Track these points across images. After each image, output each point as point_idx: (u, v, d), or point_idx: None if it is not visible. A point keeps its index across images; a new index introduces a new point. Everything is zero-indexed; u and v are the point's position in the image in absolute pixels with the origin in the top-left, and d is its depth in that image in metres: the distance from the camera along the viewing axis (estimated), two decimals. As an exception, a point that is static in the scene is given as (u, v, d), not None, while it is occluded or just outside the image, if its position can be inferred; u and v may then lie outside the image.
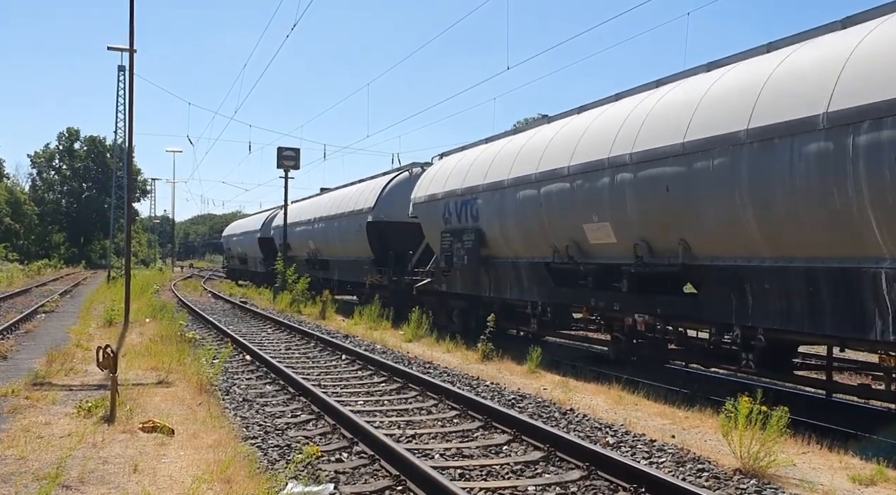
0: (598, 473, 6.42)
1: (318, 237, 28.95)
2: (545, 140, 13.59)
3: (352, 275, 25.45)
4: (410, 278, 19.68)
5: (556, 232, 12.65)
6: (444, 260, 16.67)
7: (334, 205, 27.01)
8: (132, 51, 18.63)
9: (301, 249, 31.41)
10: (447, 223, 16.67)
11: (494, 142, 16.53)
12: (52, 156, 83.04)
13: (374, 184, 23.84)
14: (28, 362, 11.82)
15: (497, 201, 14.55)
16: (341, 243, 25.79)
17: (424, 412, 9.31)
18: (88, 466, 6.02)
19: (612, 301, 11.64)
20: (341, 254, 26.32)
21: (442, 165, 18.36)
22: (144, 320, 18.40)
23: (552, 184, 12.62)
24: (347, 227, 24.67)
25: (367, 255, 23.29)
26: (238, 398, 9.89)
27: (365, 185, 25.12)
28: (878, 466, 6.58)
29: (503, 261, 14.73)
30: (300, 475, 6.19)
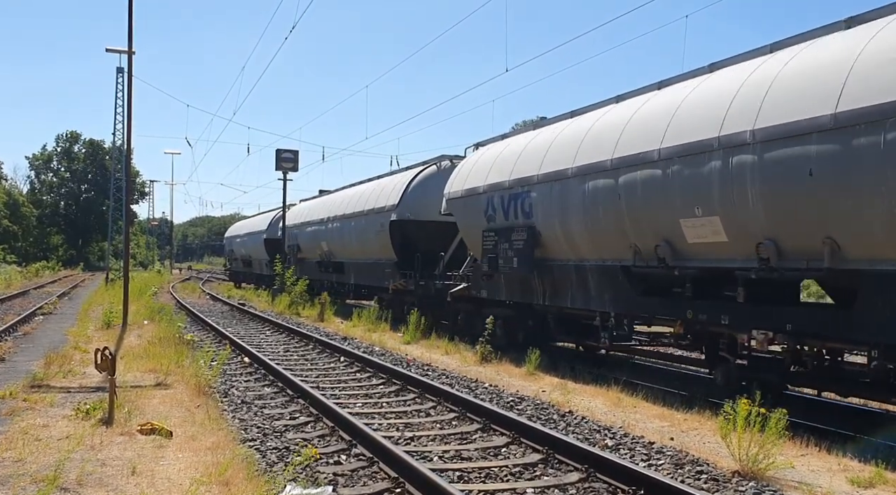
0: (597, 475, 6.42)
1: (332, 238, 26.68)
2: (620, 120, 11.43)
3: (371, 279, 23.32)
4: (442, 283, 17.90)
5: (640, 229, 10.59)
6: (486, 262, 14.60)
7: (352, 202, 24.80)
8: (131, 52, 18.62)
9: (312, 251, 29.44)
10: (490, 221, 14.74)
11: (548, 127, 14.36)
12: (51, 158, 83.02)
13: (398, 180, 21.70)
14: (26, 364, 11.80)
15: (557, 194, 12.47)
16: (359, 244, 23.65)
17: (423, 414, 9.30)
18: (87, 468, 6.02)
19: (720, 313, 9.48)
20: (359, 256, 24.11)
21: (482, 155, 16.29)
22: (143, 322, 18.39)
23: (636, 171, 10.48)
24: (367, 227, 22.64)
25: (389, 257, 21.36)
26: (236, 400, 9.89)
27: (387, 181, 22.97)
28: (877, 468, 6.58)
29: (563, 264, 12.68)
30: (299, 477, 6.18)
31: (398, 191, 20.88)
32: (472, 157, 16.86)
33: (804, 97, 8.11)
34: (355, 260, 24.70)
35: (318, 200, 31.46)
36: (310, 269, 29.65)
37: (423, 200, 20.15)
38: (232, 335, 17.13)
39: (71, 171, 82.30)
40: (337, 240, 26.14)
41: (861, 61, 7.68)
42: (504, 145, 15.53)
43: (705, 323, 9.87)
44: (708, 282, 9.93)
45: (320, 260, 28.33)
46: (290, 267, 29.78)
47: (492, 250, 14.45)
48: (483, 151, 16.53)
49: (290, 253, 31.59)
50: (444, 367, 13.05)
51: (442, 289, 17.58)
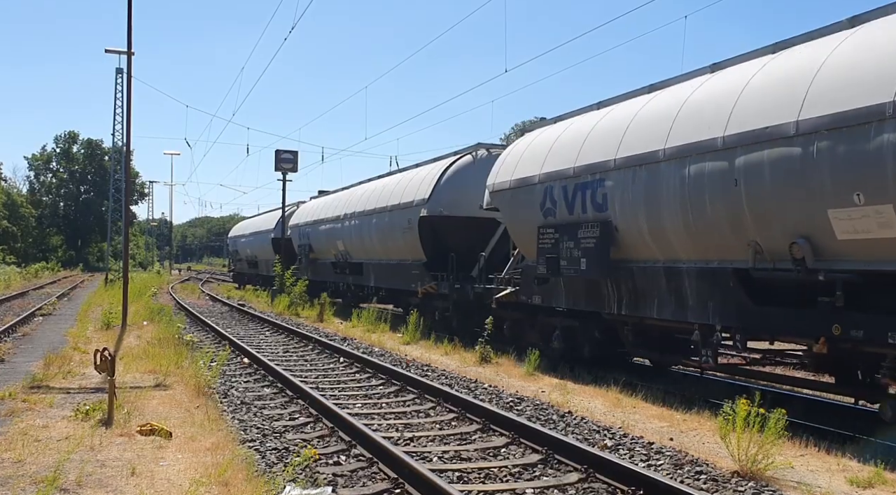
0: (597, 476, 6.43)
1: (349, 236, 24.40)
2: (730, 90, 9.34)
3: (395, 281, 21.08)
4: (482, 286, 15.91)
5: (765, 223, 8.54)
6: (542, 264, 12.59)
7: (373, 197, 22.60)
8: (130, 53, 18.61)
9: (326, 251, 27.35)
10: (549, 215, 12.62)
11: (619, 104, 12.24)
12: (50, 159, 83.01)
13: (428, 172, 19.47)
14: (25, 365, 11.80)
15: (642, 181, 10.36)
16: (381, 243, 21.48)
17: (423, 414, 9.31)
18: (86, 469, 6.02)
19: (888, 330, 7.39)
20: (381, 257, 21.94)
21: (534, 140, 14.16)
22: (142, 323, 18.38)
23: (761, 150, 8.39)
24: (392, 224, 20.47)
25: (416, 258, 19.20)
26: (236, 401, 9.89)
27: (415, 173, 20.71)
28: (876, 468, 6.59)
29: (647, 267, 10.64)
30: (298, 478, 6.18)
31: (429, 183, 18.64)
32: (521, 143, 14.76)
33: None
34: (376, 260, 22.52)
35: (332, 196, 29.00)
36: (323, 271, 28.00)
37: (456, 194, 18.05)
38: (231, 336, 17.13)
39: (70, 172, 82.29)
40: (355, 239, 23.94)
41: None
42: (562, 127, 13.47)
43: (860, 341, 7.78)
44: (866, 290, 7.85)
45: (335, 260, 26.40)
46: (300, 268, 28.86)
47: (551, 249, 12.39)
48: (535, 136, 14.48)
49: (300, 253, 30.15)
50: (443, 368, 13.06)
51: (482, 294, 15.67)
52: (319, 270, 28.55)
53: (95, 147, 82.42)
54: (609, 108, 12.40)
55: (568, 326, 12.99)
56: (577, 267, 11.72)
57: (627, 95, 12.29)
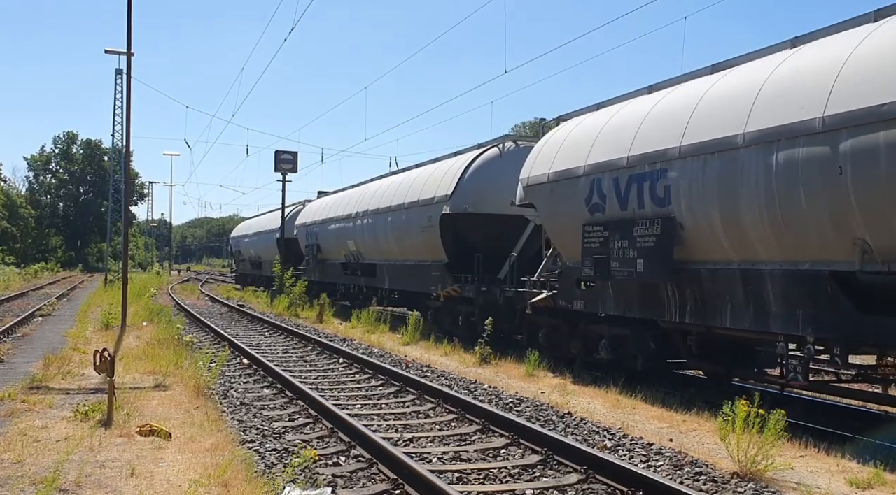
0: (596, 477, 6.43)
1: (361, 236, 23.13)
2: (829, 63, 8.08)
3: (412, 283, 19.88)
4: (513, 290, 14.60)
5: (879, 217, 7.34)
6: (589, 266, 11.38)
7: (388, 194, 21.28)
8: (130, 54, 18.62)
9: (335, 252, 26.05)
10: (596, 211, 11.37)
11: (677, 86, 10.96)
12: (49, 160, 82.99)
13: (450, 166, 18.15)
14: (25, 366, 11.80)
15: (715, 171, 9.10)
16: (397, 243, 20.23)
17: (422, 415, 9.31)
18: (85, 470, 6.01)
19: None
20: (396, 257, 20.70)
21: (575, 129, 12.80)
22: (142, 324, 18.38)
23: (877, 132, 7.21)
24: (409, 222, 19.24)
25: (437, 258, 17.91)
26: (235, 401, 9.89)
27: (435, 168, 19.40)
28: (876, 469, 6.59)
29: (718, 269, 9.36)
30: (298, 479, 6.18)
31: (451, 178, 17.34)
32: (560, 132, 13.37)
33: None
34: (391, 261, 21.24)
35: (343, 194, 27.39)
36: (332, 272, 26.68)
37: (482, 189, 16.83)
38: (231, 336, 17.12)
39: (69, 173, 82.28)
40: (368, 239, 22.61)
41: None
42: (607, 114, 12.18)
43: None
44: None
45: (346, 261, 24.97)
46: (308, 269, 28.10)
47: (599, 249, 11.19)
48: (575, 124, 13.07)
49: (308, 254, 29.07)
50: (443, 368, 13.05)
51: (513, 298, 14.53)
52: (328, 271, 27.43)
53: (95, 147, 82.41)
54: (664, 92, 11.18)
55: (617, 335, 11.57)
56: (632, 269, 10.44)
57: (684, 77, 11.08)
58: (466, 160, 17.60)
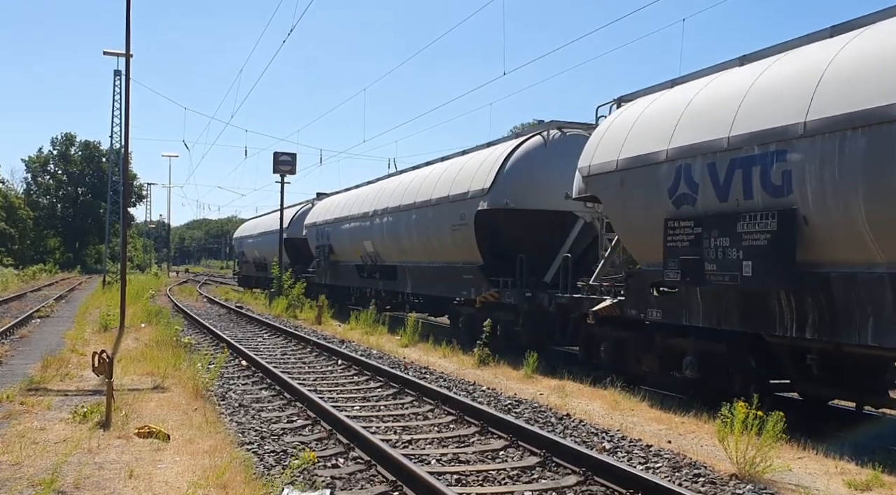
0: (595, 478, 6.43)
1: (380, 236, 21.34)
2: None
3: (439, 288, 18.03)
4: (567, 296, 12.83)
5: None
6: (676, 268, 9.66)
7: (412, 190, 19.46)
8: (128, 55, 18.62)
9: (350, 253, 24.37)
10: (684, 202, 9.64)
11: (791, 52, 9.14)
12: (47, 161, 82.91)
13: (487, 157, 16.29)
14: (23, 367, 11.78)
15: (859, 152, 7.42)
16: (423, 243, 18.43)
17: (421, 417, 9.30)
18: (84, 472, 6.01)
19: None
20: (421, 259, 18.92)
21: (649, 109, 11.03)
22: (140, 325, 18.37)
23: None
24: (437, 220, 17.45)
25: (470, 260, 16.24)
26: (234, 403, 9.88)
27: (468, 160, 17.47)
28: (874, 471, 6.60)
29: (857, 273, 7.68)
30: (296, 480, 6.18)
31: (489, 171, 15.60)
32: (628, 114, 11.49)
33: None
34: (415, 263, 19.35)
35: (358, 191, 25.57)
36: (346, 275, 24.99)
37: (524, 182, 15.10)
38: (229, 338, 17.11)
39: (68, 174, 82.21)
40: (388, 239, 20.80)
41: None
42: (690, 90, 10.42)
43: None
44: None
45: (362, 263, 23.22)
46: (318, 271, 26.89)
47: (688, 249, 9.48)
48: (647, 103, 11.26)
49: (319, 255, 27.45)
50: (441, 370, 13.05)
51: (568, 305, 12.74)
52: (342, 274, 25.70)
53: (93, 149, 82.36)
54: (765, 62, 9.39)
55: (708, 351, 9.83)
56: (736, 273, 8.70)
57: (794, 43, 9.29)
58: (506, 150, 15.66)
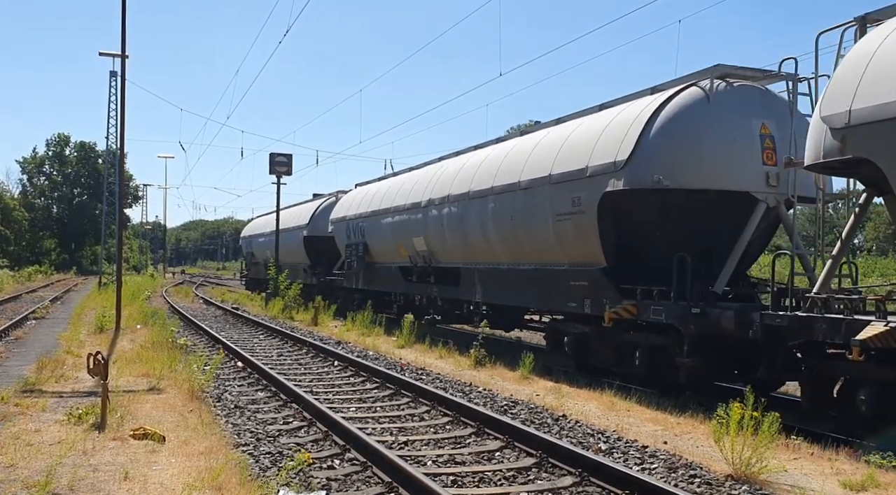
0: (591, 479, 6.43)
1: (437, 230, 17.38)
2: None
3: (530, 297, 14.28)
4: (789, 316, 8.68)
5: None
6: None
7: (488, 171, 15.33)
8: (124, 57, 18.60)
9: (391, 252, 20.63)
10: None
11: None
12: (43, 162, 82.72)
13: (617, 119, 11.88)
14: (18, 369, 11.75)
15: None
16: (505, 238, 14.44)
17: (417, 418, 9.30)
18: (79, 474, 5.99)
19: None
20: (501, 259, 14.92)
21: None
22: (136, 326, 18.33)
23: None
24: (532, 208, 13.27)
25: (585, 260, 12.07)
26: (230, 405, 9.86)
27: (584, 124, 12.96)
28: (869, 471, 6.61)
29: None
30: (292, 482, 6.17)
31: (622, 136, 11.29)
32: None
33: None
34: (489, 264, 15.39)
35: (404, 177, 21.52)
36: (386, 278, 21.24)
37: (681, 151, 10.72)
38: (225, 339, 17.08)
39: (63, 175, 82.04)
40: (450, 234, 16.75)
41: None
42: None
43: None
44: None
45: (410, 264, 19.31)
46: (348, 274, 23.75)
47: None
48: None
49: (350, 255, 23.37)
50: (438, 371, 13.04)
51: (789, 328, 8.57)
52: (379, 277, 21.76)
53: (88, 150, 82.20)
54: None
55: None
56: None
57: None
58: (646, 108, 11.27)
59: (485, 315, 15.89)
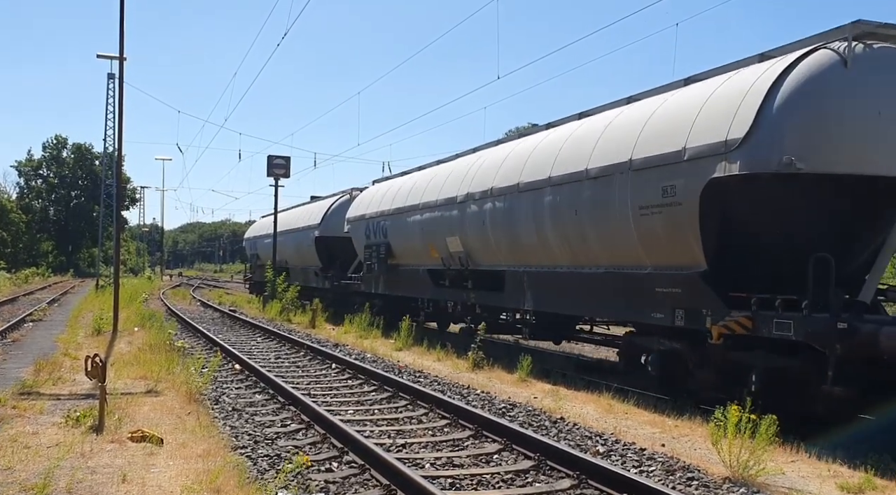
0: (589, 482, 6.44)
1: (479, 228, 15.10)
2: None
3: (593, 306, 12.31)
4: None
5: None
6: None
7: (543, 159, 13.02)
8: (122, 59, 18.59)
9: (419, 253, 18.23)
10: None
11: None
12: (40, 165, 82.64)
13: (724, 87, 9.73)
14: (15, 371, 11.73)
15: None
16: (566, 236, 12.13)
17: (415, 421, 9.30)
18: (76, 476, 5.98)
19: None
20: (559, 261, 12.56)
21: None
22: (133, 329, 18.31)
23: None
24: (606, 200, 11.00)
25: (675, 262, 9.91)
26: (227, 407, 9.86)
27: (671, 98, 10.76)
28: (866, 475, 6.62)
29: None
30: (290, 485, 6.17)
31: (734, 108, 9.08)
32: None
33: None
34: (543, 267, 13.14)
35: (434, 169, 19.16)
36: (413, 282, 18.91)
37: (814, 127, 8.68)
38: (223, 342, 17.06)
39: (60, 177, 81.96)
40: (495, 232, 14.52)
41: None
42: None
43: None
44: None
45: (441, 267, 17.15)
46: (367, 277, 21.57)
47: None
48: None
49: (370, 256, 21.14)
50: (435, 374, 13.05)
51: None
52: (405, 282, 19.49)
53: (85, 152, 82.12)
54: None
55: None
56: None
57: None
58: (767, 75, 9.10)
59: (537, 327, 14.22)
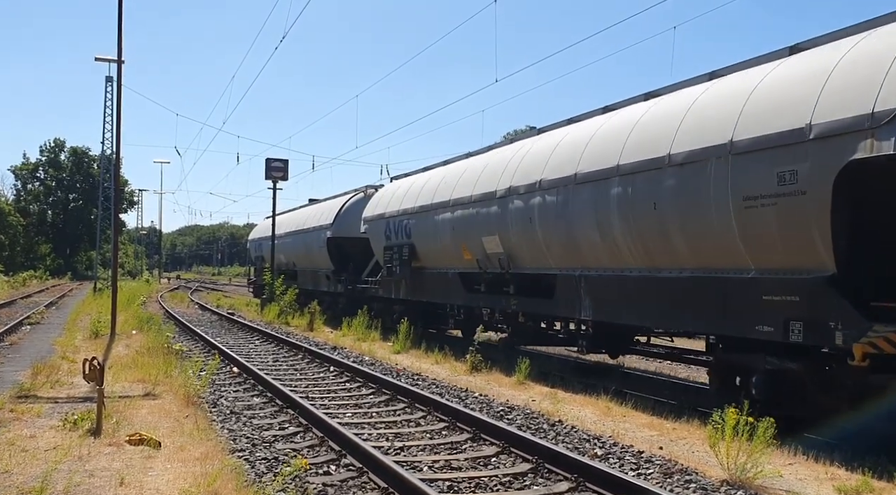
0: (587, 485, 6.44)
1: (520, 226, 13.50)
2: None
3: (675, 317, 10.33)
4: None
5: None
6: None
7: (607, 148, 11.22)
8: (120, 62, 18.57)
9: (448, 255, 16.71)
10: None
11: None
12: (37, 168, 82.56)
13: (864, 52, 7.59)
14: (13, 374, 11.71)
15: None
16: (638, 235, 10.43)
17: (413, 424, 9.29)
18: (74, 480, 5.98)
19: None
20: (630, 263, 10.80)
21: None
22: (131, 332, 18.29)
23: None
24: (691, 191, 9.36)
25: (790, 265, 8.14)
26: (225, 410, 9.85)
27: (792, 68, 8.60)
28: (864, 477, 6.63)
29: None
30: (288, 488, 6.16)
31: (880, 77, 7.10)
32: None
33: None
34: (606, 270, 11.37)
35: (466, 162, 17.38)
36: (440, 287, 17.38)
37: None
38: (221, 345, 17.06)
39: (57, 180, 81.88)
40: (545, 231, 12.68)
41: None
42: None
43: None
44: None
45: (476, 270, 15.56)
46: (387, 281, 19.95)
47: None
48: None
49: (390, 258, 19.32)
50: (434, 377, 13.04)
51: None
52: (431, 286, 17.90)
53: (82, 155, 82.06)
54: None
55: None
56: None
57: None
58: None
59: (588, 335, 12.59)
